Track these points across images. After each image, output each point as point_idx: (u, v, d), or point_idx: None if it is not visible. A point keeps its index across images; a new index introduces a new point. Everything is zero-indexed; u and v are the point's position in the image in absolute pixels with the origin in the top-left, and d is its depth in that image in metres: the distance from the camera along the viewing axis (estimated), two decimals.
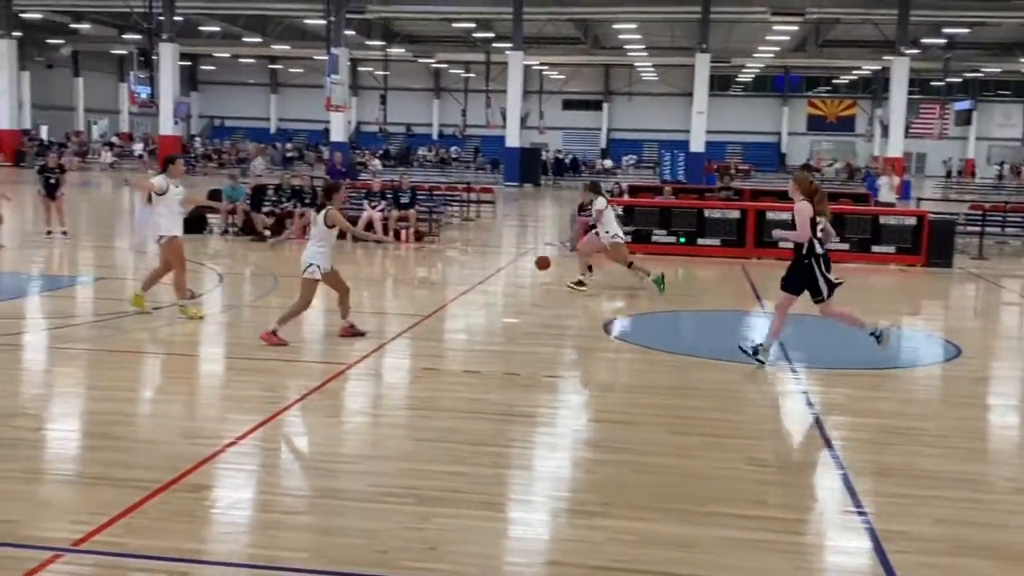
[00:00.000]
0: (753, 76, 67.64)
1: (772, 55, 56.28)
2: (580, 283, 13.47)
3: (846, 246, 17.46)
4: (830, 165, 57.44)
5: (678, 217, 18.00)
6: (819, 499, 6.05)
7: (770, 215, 17.80)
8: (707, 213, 17.97)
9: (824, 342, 11.08)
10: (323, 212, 9.63)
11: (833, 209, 10.30)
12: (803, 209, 9.01)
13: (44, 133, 57.97)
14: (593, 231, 13.77)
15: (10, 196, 17.43)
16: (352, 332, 9.87)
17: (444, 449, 6.50)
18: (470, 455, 6.39)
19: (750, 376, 9.02)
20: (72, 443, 6.68)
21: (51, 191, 17.91)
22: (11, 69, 42.92)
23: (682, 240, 17.83)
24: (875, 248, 17.50)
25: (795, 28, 49.75)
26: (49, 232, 17.81)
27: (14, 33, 43.24)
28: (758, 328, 11.88)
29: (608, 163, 60.78)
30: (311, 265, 9.58)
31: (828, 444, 6.94)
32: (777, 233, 9.24)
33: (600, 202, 13.59)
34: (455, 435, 6.81)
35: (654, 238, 17.88)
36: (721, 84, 65.14)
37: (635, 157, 65.59)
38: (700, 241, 17.78)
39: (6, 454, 6.21)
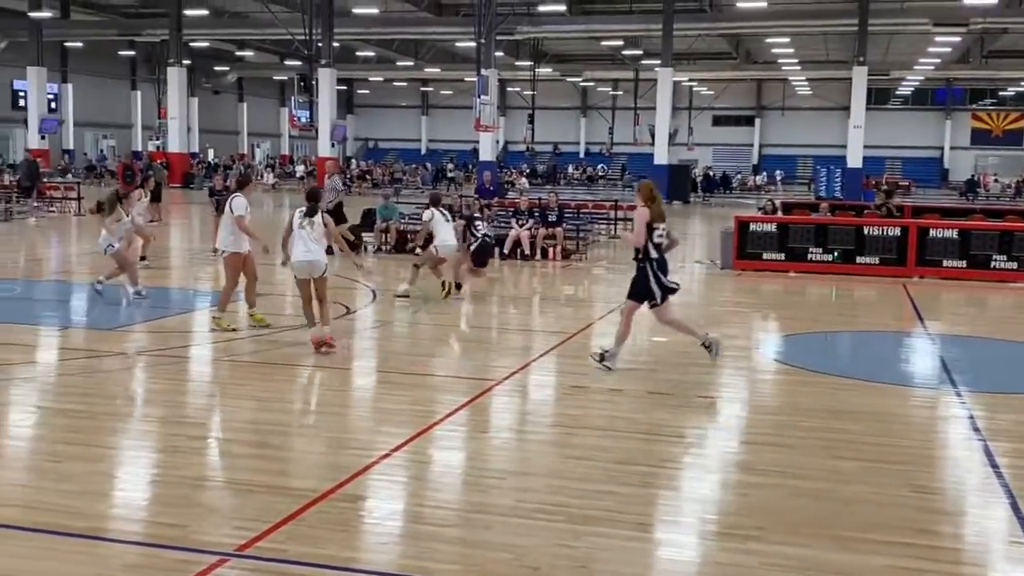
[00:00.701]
0: (913, 89, 65.28)
1: (933, 67, 54.20)
2: (446, 289, 13.63)
3: (1014, 265, 16.63)
4: (995, 180, 54.80)
5: (835, 234, 17.47)
6: (986, 528, 5.74)
7: (932, 233, 17.12)
8: (866, 231, 17.38)
9: (991, 365, 10.56)
10: (319, 214, 10.13)
11: (1000, 226, 9.86)
12: (641, 213, 9.28)
13: (211, 156, 60.90)
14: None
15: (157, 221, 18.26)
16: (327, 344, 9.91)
17: (593, 467, 6.47)
18: (620, 474, 6.34)
19: (912, 400, 8.68)
20: (235, 451, 6.95)
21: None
22: (181, 95, 45.22)
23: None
24: None
25: (958, 39, 47.82)
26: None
27: (184, 62, 45.60)
28: (920, 349, 11.43)
29: (760, 179, 59.61)
30: (326, 264, 10.13)
31: (996, 471, 6.59)
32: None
33: (426, 214, 13.83)
34: (604, 454, 6.77)
35: (810, 256, 17.41)
36: (879, 97, 63.14)
37: (781, 172, 64.20)
38: (859, 259, 17.21)
39: (174, 461, 6.51)
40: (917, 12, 40.67)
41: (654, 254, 9.23)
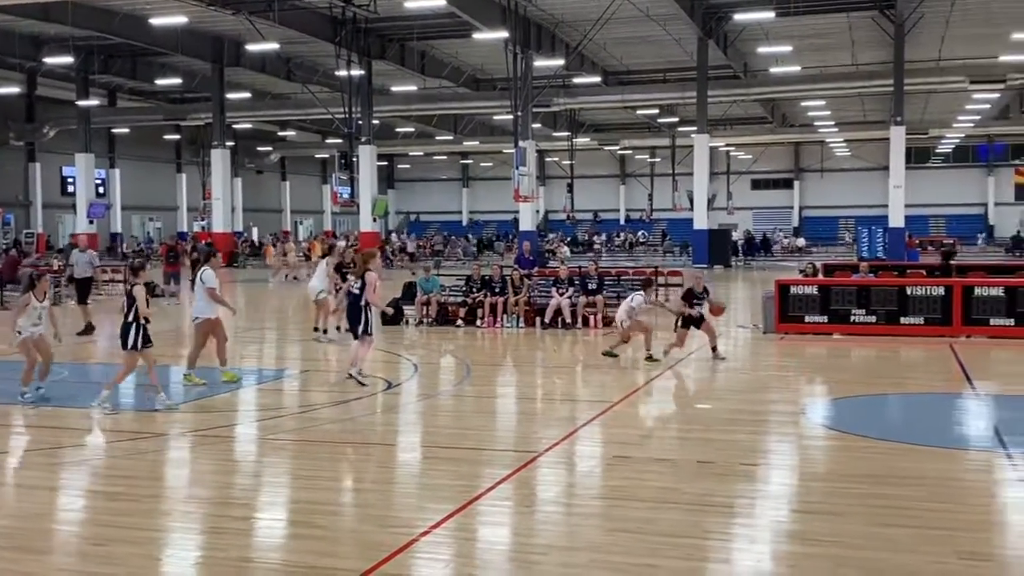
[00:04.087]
0: (953, 146, 65.06)
1: (973, 124, 54.04)
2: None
3: None
4: None
5: (877, 295, 17.30)
6: None
7: (978, 291, 16.89)
8: (909, 291, 17.19)
9: None
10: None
11: None
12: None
13: (255, 235, 61.85)
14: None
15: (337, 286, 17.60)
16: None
17: (638, 540, 6.38)
18: (664, 547, 6.25)
19: (962, 463, 8.49)
20: (278, 531, 6.95)
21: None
22: (225, 176, 46.11)
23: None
24: None
25: (996, 95, 47.71)
26: (325, 331, 17.54)
27: (228, 143, 46.63)
28: (969, 411, 11.21)
29: (801, 242, 59.36)
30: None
31: None
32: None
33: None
34: (649, 526, 6.68)
35: (853, 318, 17.23)
36: (919, 156, 62.98)
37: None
38: (903, 320, 17.00)
39: (217, 543, 6.53)
40: (953, 71, 40.68)
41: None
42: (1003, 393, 12.18)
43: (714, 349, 14.68)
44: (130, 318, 10.78)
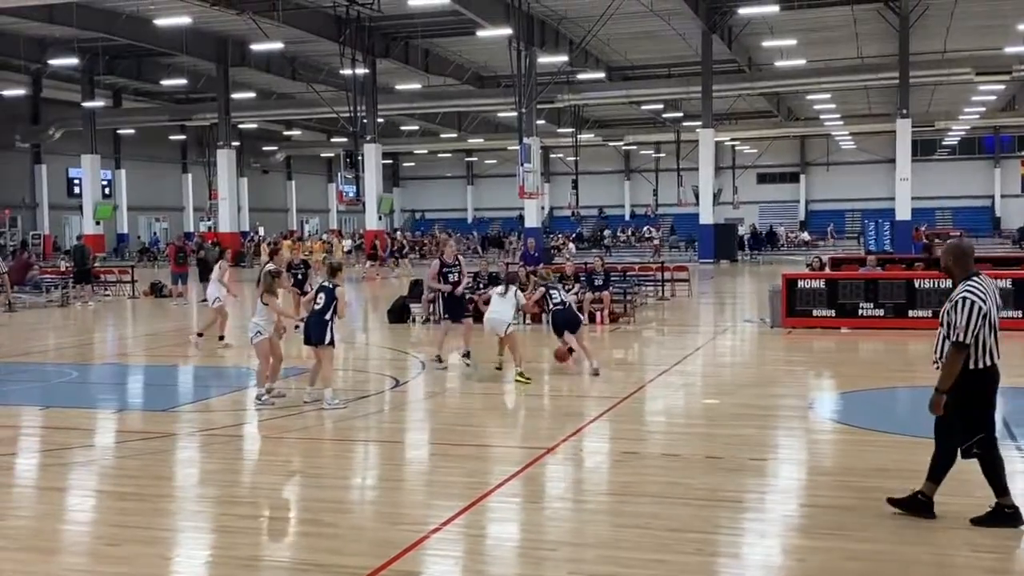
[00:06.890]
0: (960, 138, 64.87)
1: (979, 116, 53.86)
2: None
3: None
4: None
5: (885, 289, 17.27)
6: None
7: None
8: (916, 284, 17.15)
9: None
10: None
11: None
12: None
13: (261, 234, 61.87)
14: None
15: (236, 293, 18.36)
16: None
17: (646, 536, 6.38)
18: (674, 542, 6.25)
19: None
20: (287, 530, 6.97)
21: (298, 286, 18.11)
22: (231, 176, 46.19)
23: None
24: None
25: (1002, 87, 47.59)
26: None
27: (233, 143, 46.67)
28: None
29: (806, 235, 59.26)
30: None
31: None
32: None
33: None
34: (657, 521, 6.68)
35: (860, 311, 17.19)
36: (925, 148, 62.78)
37: (832, 225, 63.84)
38: (910, 313, 16.95)
39: (227, 541, 6.54)
40: (958, 62, 40.55)
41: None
42: (1011, 385, 12.11)
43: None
44: (327, 316, 10.82)
